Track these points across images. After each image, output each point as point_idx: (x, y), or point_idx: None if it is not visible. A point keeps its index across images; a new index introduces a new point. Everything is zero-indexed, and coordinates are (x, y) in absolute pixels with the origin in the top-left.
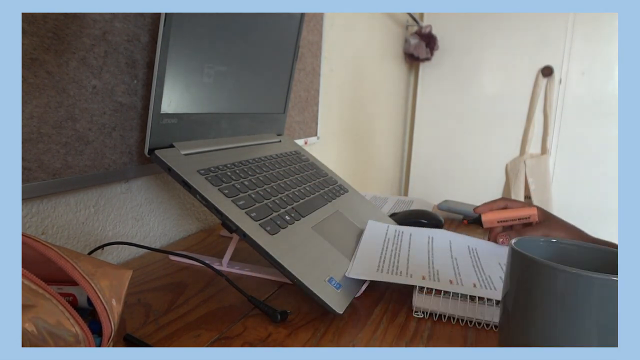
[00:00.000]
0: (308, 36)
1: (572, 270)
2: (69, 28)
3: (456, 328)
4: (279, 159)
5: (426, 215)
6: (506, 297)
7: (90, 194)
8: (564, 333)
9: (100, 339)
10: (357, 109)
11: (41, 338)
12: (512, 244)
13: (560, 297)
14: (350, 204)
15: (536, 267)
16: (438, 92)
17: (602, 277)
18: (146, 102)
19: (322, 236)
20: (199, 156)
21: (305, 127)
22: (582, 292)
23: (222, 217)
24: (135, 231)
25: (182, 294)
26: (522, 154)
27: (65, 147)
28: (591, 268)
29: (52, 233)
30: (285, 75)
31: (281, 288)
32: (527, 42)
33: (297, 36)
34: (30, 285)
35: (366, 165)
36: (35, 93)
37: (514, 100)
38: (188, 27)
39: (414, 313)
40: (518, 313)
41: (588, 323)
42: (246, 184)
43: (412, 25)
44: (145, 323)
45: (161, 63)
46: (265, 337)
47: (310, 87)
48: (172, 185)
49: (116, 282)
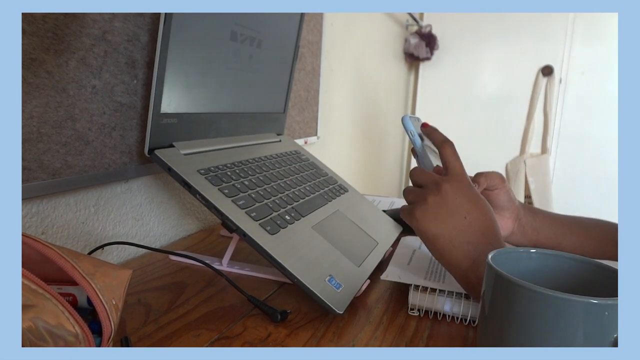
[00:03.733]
0: (308, 36)
1: (530, 286)
2: (68, 28)
3: (456, 328)
4: (279, 159)
5: None
6: (484, 297)
7: (90, 194)
8: (524, 344)
9: (100, 338)
10: (357, 108)
11: (41, 338)
12: (488, 257)
13: (521, 311)
14: (350, 203)
15: (500, 281)
16: (438, 91)
17: (557, 294)
18: (146, 102)
19: (322, 236)
20: (199, 156)
21: (305, 127)
22: (537, 307)
23: (222, 216)
24: (135, 231)
25: (182, 294)
26: (522, 154)
27: (65, 147)
28: (572, 280)
29: (52, 233)
30: (285, 75)
31: (281, 288)
32: (527, 42)
33: (297, 36)
34: (30, 285)
35: (366, 165)
36: (35, 93)
37: (514, 99)
38: (188, 27)
39: (410, 311)
40: (491, 315)
41: (543, 338)
42: (246, 184)
43: (412, 25)
44: (145, 323)
45: (161, 63)
46: (265, 337)
47: (310, 87)
48: (172, 185)
49: (116, 282)
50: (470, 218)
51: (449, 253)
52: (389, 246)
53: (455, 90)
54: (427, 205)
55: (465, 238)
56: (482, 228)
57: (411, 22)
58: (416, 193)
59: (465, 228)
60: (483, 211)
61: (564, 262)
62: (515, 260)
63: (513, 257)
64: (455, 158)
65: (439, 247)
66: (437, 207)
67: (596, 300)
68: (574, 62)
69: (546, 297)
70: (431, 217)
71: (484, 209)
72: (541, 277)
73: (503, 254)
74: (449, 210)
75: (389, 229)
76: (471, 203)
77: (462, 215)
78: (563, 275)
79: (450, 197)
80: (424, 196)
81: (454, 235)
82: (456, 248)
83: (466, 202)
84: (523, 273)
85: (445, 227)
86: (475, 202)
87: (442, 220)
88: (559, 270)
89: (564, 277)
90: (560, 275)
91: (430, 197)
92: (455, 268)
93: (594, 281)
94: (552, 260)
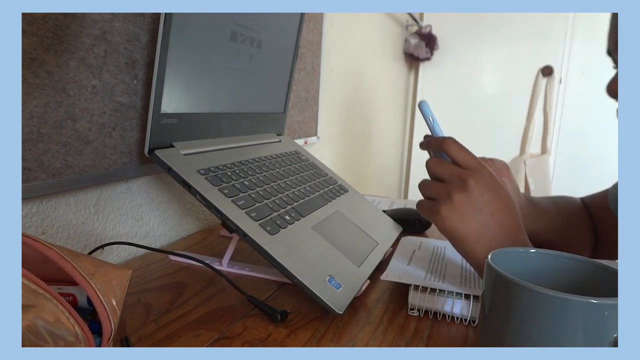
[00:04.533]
0: (308, 36)
1: (530, 286)
2: (68, 28)
3: (456, 328)
4: (279, 159)
5: (414, 213)
6: (484, 297)
7: (90, 194)
8: (523, 344)
9: (100, 338)
10: (357, 108)
11: (41, 338)
12: (488, 257)
13: (520, 310)
14: (350, 203)
15: (500, 281)
16: (438, 92)
17: (557, 294)
18: (146, 102)
19: (322, 236)
20: (199, 156)
21: (305, 127)
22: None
23: (222, 217)
24: (135, 231)
25: (182, 294)
26: (522, 154)
27: (65, 147)
28: (572, 280)
29: (52, 233)
30: (285, 75)
31: (281, 288)
32: (527, 42)
33: (297, 36)
34: (30, 285)
35: (366, 165)
36: (35, 93)
37: (514, 99)
38: (188, 27)
39: (410, 311)
40: (491, 315)
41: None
42: (246, 184)
43: (412, 25)
44: (145, 323)
45: (161, 63)
46: (265, 337)
47: (310, 87)
48: (172, 185)
49: (116, 282)
50: (497, 215)
51: (476, 252)
52: (389, 246)
53: (455, 91)
54: (453, 204)
55: (492, 236)
56: (507, 224)
57: (411, 22)
58: (438, 188)
59: (492, 226)
60: (508, 206)
61: (564, 262)
62: (515, 260)
63: (513, 257)
64: (465, 152)
65: (466, 247)
66: (464, 205)
67: (596, 300)
68: (574, 62)
69: (546, 297)
70: (458, 216)
71: (509, 204)
72: (541, 277)
73: (503, 254)
74: (476, 208)
75: (389, 229)
76: (498, 199)
77: (490, 213)
78: (563, 275)
79: (477, 194)
80: (449, 193)
81: (481, 234)
82: (483, 246)
83: (493, 199)
84: (523, 273)
85: (472, 227)
86: (501, 198)
87: (470, 219)
88: (559, 270)
89: (564, 277)
90: (560, 275)
91: (456, 195)
92: (482, 267)
93: (594, 281)
94: (552, 260)
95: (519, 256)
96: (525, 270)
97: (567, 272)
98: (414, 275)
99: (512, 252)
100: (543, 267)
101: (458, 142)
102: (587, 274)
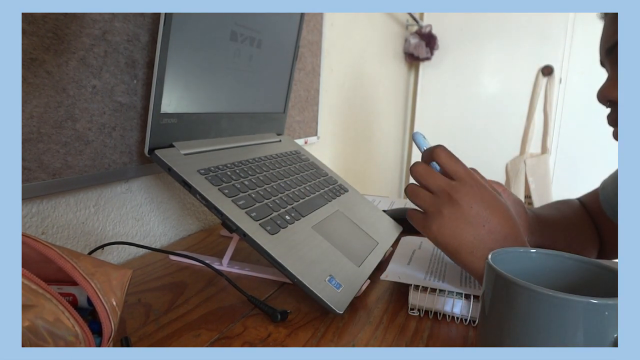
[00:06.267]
0: (308, 36)
1: (530, 286)
2: (68, 28)
3: (456, 328)
4: (279, 159)
5: None
6: (484, 297)
7: (90, 194)
8: (523, 344)
9: (101, 338)
10: (357, 108)
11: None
12: (488, 257)
13: (520, 310)
14: (350, 203)
15: (500, 281)
16: (438, 91)
17: (557, 294)
18: (146, 102)
19: (322, 236)
20: (199, 156)
21: (305, 127)
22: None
23: (222, 216)
24: (135, 231)
25: (182, 294)
26: (522, 154)
27: (65, 147)
28: (572, 280)
29: (52, 233)
30: (285, 75)
31: (281, 288)
32: (527, 41)
33: (297, 36)
34: (30, 285)
35: (366, 165)
36: (35, 93)
37: (514, 99)
38: (188, 27)
39: (410, 311)
40: (491, 315)
41: (543, 338)
42: (246, 184)
43: (412, 25)
44: (145, 323)
45: (161, 63)
46: (265, 337)
47: (310, 87)
48: (172, 185)
49: (116, 282)
50: (489, 225)
51: (472, 263)
52: (389, 246)
53: (455, 90)
54: (443, 219)
55: (486, 246)
56: (503, 233)
57: (411, 22)
58: (427, 201)
59: (485, 236)
60: (501, 215)
61: (564, 262)
62: (515, 260)
63: (513, 257)
64: (455, 161)
65: (461, 259)
66: (454, 219)
67: (596, 300)
68: (574, 62)
69: (546, 297)
70: (449, 231)
71: (501, 212)
72: (541, 277)
73: (503, 254)
74: (467, 221)
75: (389, 229)
76: (488, 209)
77: (481, 224)
78: (563, 275)
79: (466, 206)
80: (438, 208)
81: (475, 245)
82: (478, 258)
83: (483, 209)
84: (523, 273)
85: (464, 239)
86: (491, 207)
87: (461, 233)
88: (559, 270)
89: (564, 277)
90: (560, 275)
91: (445, 209)
92: (481, 276)
93: (594, 281)
94: (552, 260)
95: (519, 256)
96: (525, 270)
97: (567, 272)
98: (414, 275)
99: (512, 252)
100: (543, 267)
101: (449, 150)
102: (587, 274)
